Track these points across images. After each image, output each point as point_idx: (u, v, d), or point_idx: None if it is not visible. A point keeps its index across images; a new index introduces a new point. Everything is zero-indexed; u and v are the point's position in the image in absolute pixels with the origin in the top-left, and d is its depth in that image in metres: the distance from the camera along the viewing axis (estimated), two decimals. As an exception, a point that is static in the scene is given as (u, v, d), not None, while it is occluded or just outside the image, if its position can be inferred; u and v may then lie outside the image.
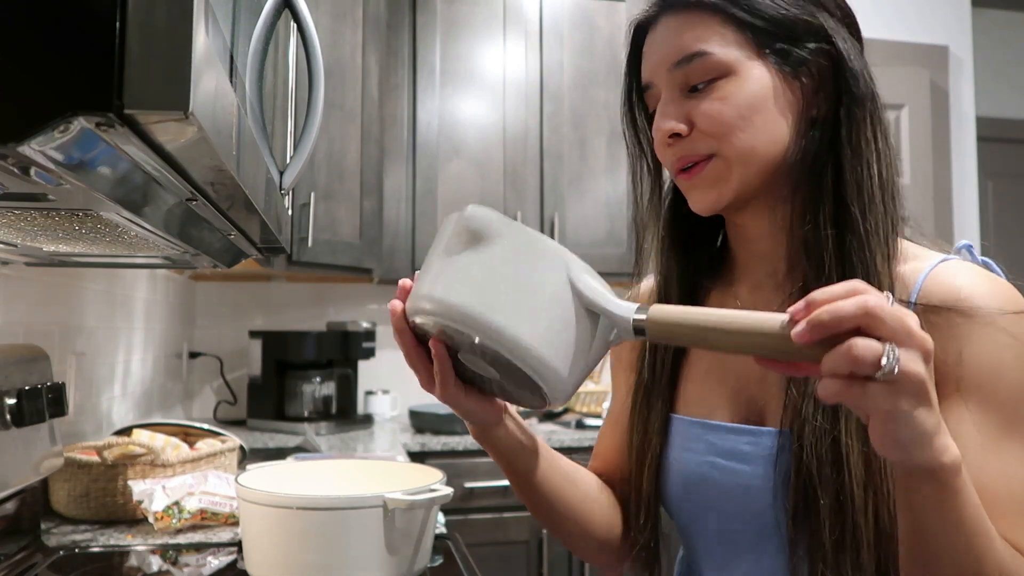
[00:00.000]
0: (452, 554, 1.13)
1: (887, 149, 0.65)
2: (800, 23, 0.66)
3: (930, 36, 2.59)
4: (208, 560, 1.08)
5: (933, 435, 0.48)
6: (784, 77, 0.67)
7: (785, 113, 0.67)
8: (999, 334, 0.59)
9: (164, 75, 0.34)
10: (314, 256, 2.12)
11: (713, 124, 0.67)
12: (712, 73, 0.67)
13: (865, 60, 0.67)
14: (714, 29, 0.67)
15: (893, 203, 0.65)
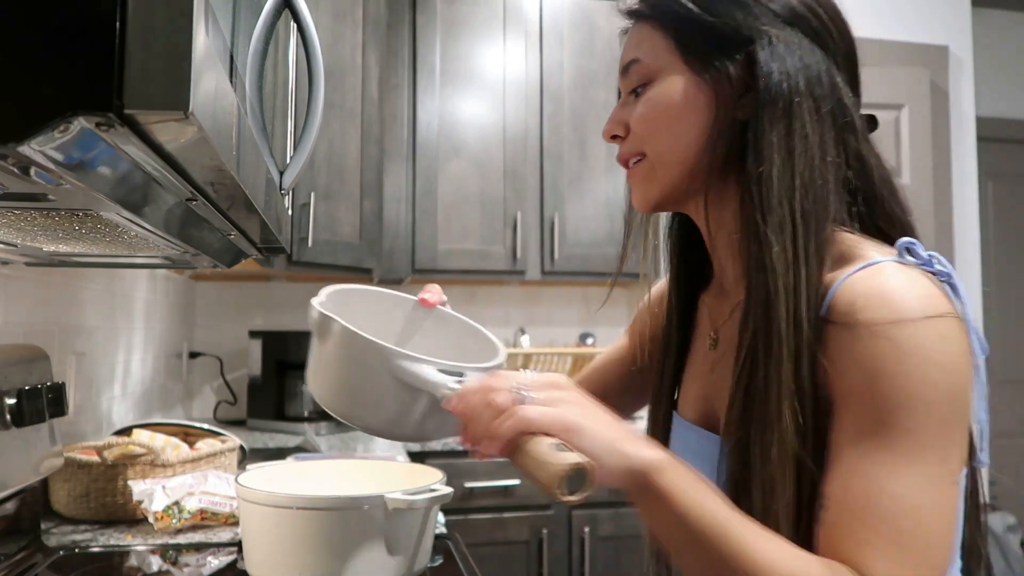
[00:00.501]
0: (452, 554, 1.13)
1: (809, 149, 0.63)
2: (719, 29, 0.67)
3: (930, 36, 2.58)
4: (208, 560, 1.08)
5: (616, 441, 0.56)
6: (701, 80, 0.68)
7: (703, 116, 0.68)
8: (881, 342, 0.57)
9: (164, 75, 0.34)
10: (314, 256, 2.12)
11: (638, 127, 0.71)
12: (644, 79, 0.71)
13: (817, 58, 0.66)
14: (648, 37, 0.71)
15: (816, 205, 0.62)
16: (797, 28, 0.67)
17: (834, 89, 0.66)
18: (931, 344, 0.57)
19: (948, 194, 2.53)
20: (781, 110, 0.64)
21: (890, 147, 2.50)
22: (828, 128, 0.65)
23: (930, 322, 0.57)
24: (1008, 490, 3.29)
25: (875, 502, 0.56)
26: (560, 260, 2.61)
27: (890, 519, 0.55)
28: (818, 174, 0.63)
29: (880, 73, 2.50)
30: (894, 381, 0.56)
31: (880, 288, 0.59)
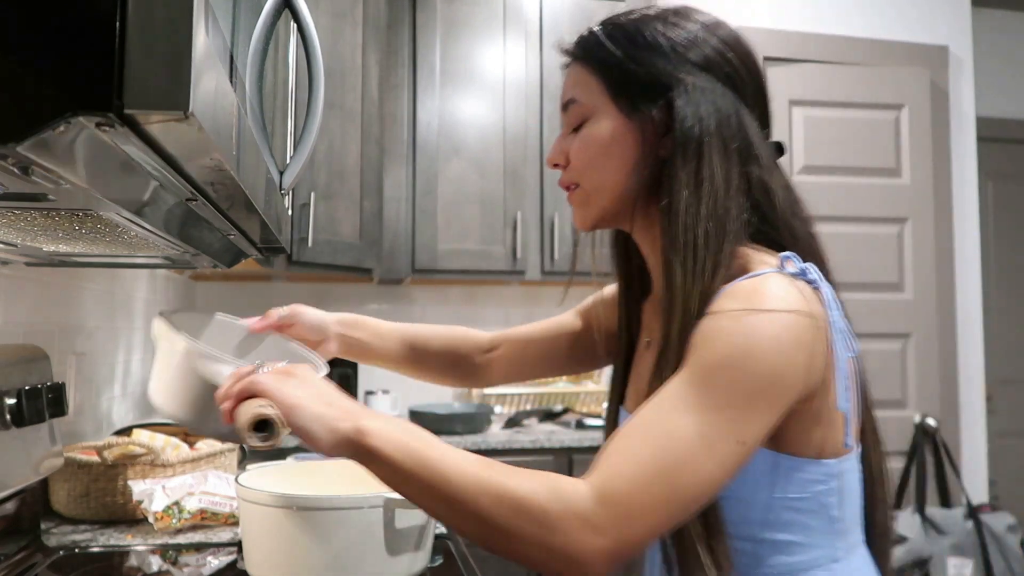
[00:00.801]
0: (452, 554, 1.13)
1: (714, 184, 0.72)
2: (643, 77, 0.76)
3: (930, 36, 2.58)
4: (208, 560, 1.08)
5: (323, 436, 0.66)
6: (629, 120, 0.78)
7: (630, 153, 0.78)
8: (729, 322, 0.66)
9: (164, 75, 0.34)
10: (314, 256, 2.12)
11: (575, 160, 0.82)
12: (581, 117, 0.81)
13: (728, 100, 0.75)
14: (584, 79, 0.82)
15: (716, 232, 0.71)
16: (711, 74, 0.76)
17: (741, 128, 0.75)
18: (769, 331, 0.64)
19: (948, 194, 2.52)
20: (693, 151, 0.73)
21: (890, 147, 2.49)
22: (734, 163, 0.74)
23: (776, 315, 0.65)
24: (1008, 490, 3.29)
25: (650, 427, 0.64)
26: (560, 260, 2.61)
27: (651, 443, 0.63)
28: (720, 205, 0.72)
29: (880, 73, 2.50)
30: (719, 345, 0.65)
31: (750, 288, 0.67)
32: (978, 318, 2.55)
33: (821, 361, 0.67)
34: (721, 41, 0.77)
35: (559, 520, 0.61)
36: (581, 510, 0.61)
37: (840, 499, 0.72)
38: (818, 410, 0.69)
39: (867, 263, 2.45)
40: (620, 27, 0.80)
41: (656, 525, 0.62)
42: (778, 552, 0.71)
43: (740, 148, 0.74)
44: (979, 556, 2.24)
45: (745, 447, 0.64)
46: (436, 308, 2.88)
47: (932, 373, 2.45)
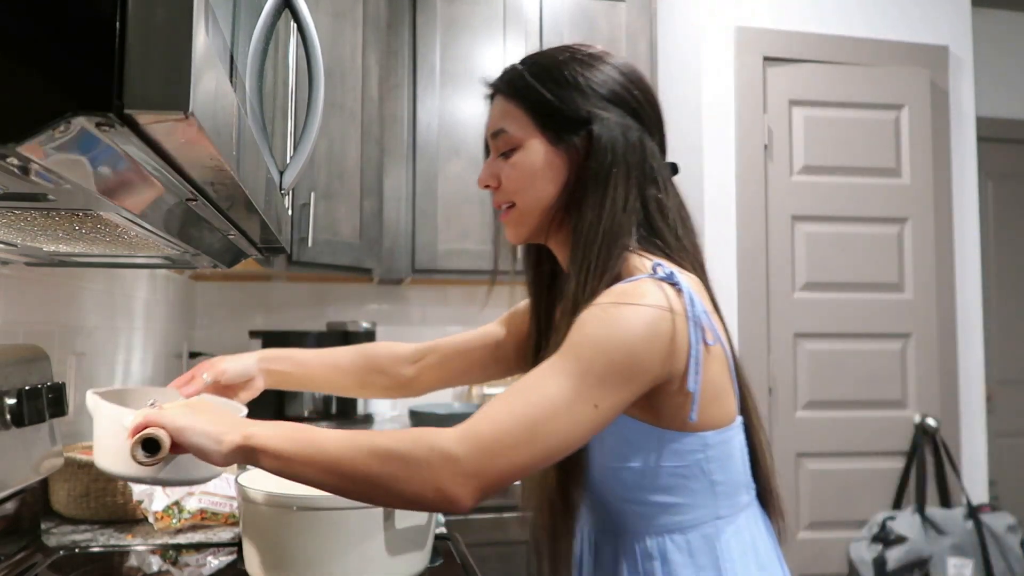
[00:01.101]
0: (452, 554, 1.13)
1: (615, 205, 0.86)
2: (565, 110, 0.89)
3: (930, 36, 2.58)
4: (208, 560, 1.08)
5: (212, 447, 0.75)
6: (556, 149, 0.89)
7: (557, 177, 0.90)
8: (596, 309, 0.79)
9: (164, 75, 0.34)
10: (314, 256, 2.12)
11: (508, 184, 0.92)
12: (510, 145, 0.91)
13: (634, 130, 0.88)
14: (512, 111, 0.92)
15: (611, 245, 0.85)
16: (620, 108, 0.89)
17: (643, 155, 0.88)
18: (630, 319, 0.77)
19: (948, 194, 2.52)
20: (603, 176, 0.86)
21: (890, 147, 2.49)
22: (633, 186, 0.87)
23: (639, 308, 0.77)
24: (1008, 490, 3.29)
25: (519, 387, 0.76)
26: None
27: (516, 398, 0.75)
28: (616, 223, 0.85)
29: (880, 73, 2.50)
30: (588, 328, 0.78)
31: (622, 288, 0.80)
32: (978, 318, 2.55)
33: (682, 349, 0.79)
34: (628, 80, 0.91)
35: (424, 459, 0.72)
36: (444, 447, 0.72)
37: (721, 465, 0.84)
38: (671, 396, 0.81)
39: (867, 263, 2.45)
40: (544, 68, 0.91)
41: (516, 463, 0.73)
42: (666, 512, 0.84)
43: (641, 173, 0.88)
44: (979, 556, 2.24)
45: (599, 411, 0.76)
46: (436, 308, 2.88)
47: (932, 373, 2.45)
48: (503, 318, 1.17)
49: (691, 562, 0.83)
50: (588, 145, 0.88)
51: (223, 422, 0.78)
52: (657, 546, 0.84)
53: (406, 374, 1.15)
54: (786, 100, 2.46)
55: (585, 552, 0.93)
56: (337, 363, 1.15)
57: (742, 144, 2.42)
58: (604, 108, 0.88)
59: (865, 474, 2.39)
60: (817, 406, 2.40)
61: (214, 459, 0.76)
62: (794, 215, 2.43)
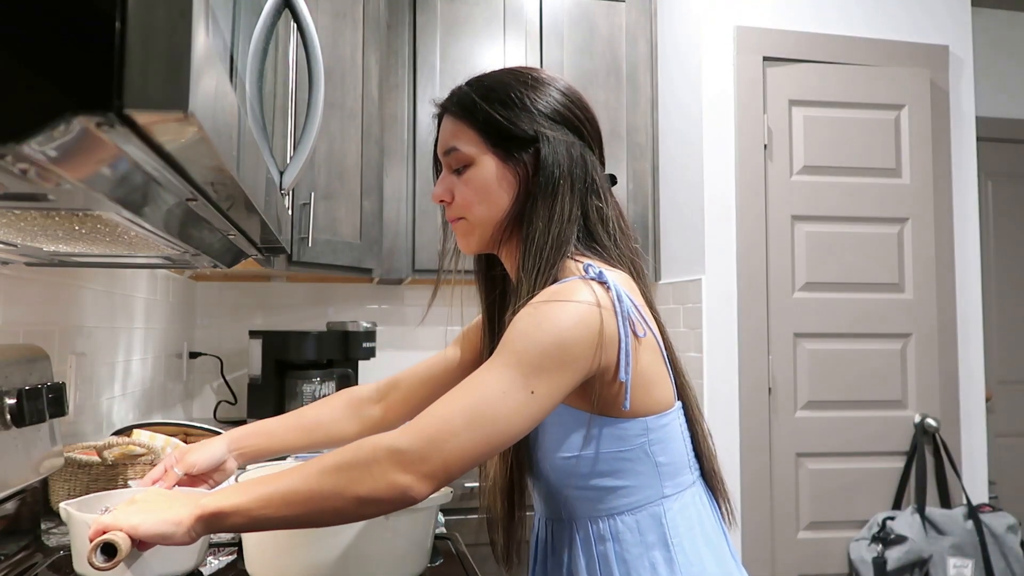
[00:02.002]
0: (452, 554, 1.13)
1: (562, 215, 0.92)
2: (514, 130, 0.94)
3: (930, 36, 2.58)
4: (208, 560, 1.08)
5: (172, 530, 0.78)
6: (507, 166, 0.95)
7: (507, 191, 0.95)
8: (529, 307, 0.85)
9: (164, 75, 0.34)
10: (314, 256, 2.12)
11: (460, 199, 0.97)
12: (463, 162, 0.97)
13: (578, 146, 0.96)
14: (463, 130, 0.97)
15: (556, 252, 0.91)
16: (564, 126, 0.96)
17: (586, 168, 0.96)
18: (559, 313, 0.83)
19: (948, 194, 2.52)
20: (551, 190, 0.93)
21: (890, 147, 2.49)
22: (577, 197, 0.94)
23: (567, 303, 0.83)
24: (1008, 490, 3.29)
25: (457, 386, 0.81)
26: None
27: (457, 392, 0.81)
28: (562, 232, 0.91)
29: (880, 73, 2.50)
30: (520, 323, 0.83)
31: (555, 288, 0.86)
32: (978, 318, 2.55)
33: (612, 341, 0.84)
34: (569, 100, 0.97)
35: (371, 458, 0.77)
36: (388, 444, 0.77)
37: (663, 447, 0.89)
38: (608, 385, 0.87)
39: (867, 263, 2.45)
40: (491, 89, 0.97)
41: (461, 448, 0.78)
42: (613, 495, 0.89)
43: (584, 185, 0.95)
44: (979, 556, 2.24)
45: (535, 397, 0.81)
46: (436, 308, 2.87)
47: (932, 373, 2.45)
48: (457, 339, 1.24)
49: (640, 540, 0.88)
50: (536, 162, 0.94)
51: (173, 504, 0.81)
52: (608, 528, 0.89)
53: (373, 415, 1.18)
54: (786, 100, 2.46)
55: (542, 539, 0.98)
56: (303, 425, 1.15)
57: (742, 144, 2.42)
58: (549, 127, 0.95)
59: (865, 474, 2.39)
60: (817, 406, 2.40)
61: (179, 540, 0.79)
62: (794, 215, 2.44)
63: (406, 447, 0.77)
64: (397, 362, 2.86)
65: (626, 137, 2.71)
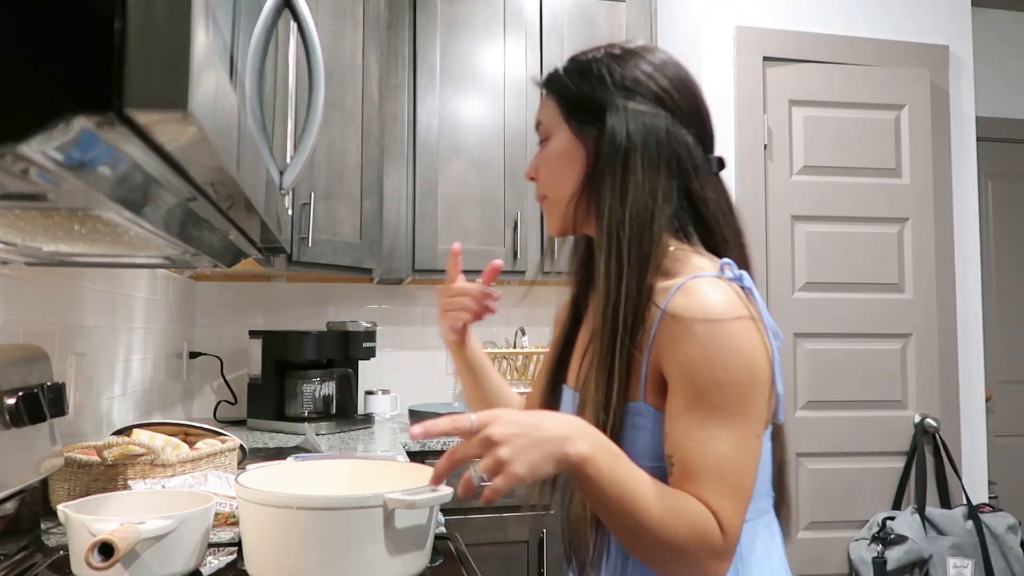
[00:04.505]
0: (452, 554, 1.13)
1: (639, 193, 0.85)
2: (586, 102, 0.90)
3: (930, 36, 2.58)
4: (208, 560, 1.08)
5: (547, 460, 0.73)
6: (579, 139, 0.91)
7: (576, 166, 0.91)
8: (694, 339, 0.79)
9: (164, 75, 0.34)
10: (314, 256, 2.12)
11: (542, 175, 0.96)
12: (544, 135, 0.95)
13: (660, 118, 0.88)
14: (546, 103, 0.95)
15: (639, 234, 0.85)
16: (646, 98, 0.89)
17: (671, 143, 0.87)
18: (729, 339, 0.78)
19: (948, 194, 2.52)
20: (620, 163, 0.86)
21: (890, 147, 2.49)
22: (661, 174, 0.86)
23: (730, 323, 0.78)
24: (1008, 490, 3.29)
25: (705, 459, 0.78)
26: (560, 260, 2.61)
27: (717, 469, 0.77)
28: (645, 209, 0.85)
29: (880, 73, 2.50)
30: (704, 371, 0.78)
31: (699, 295, 0.80)
32: (978, 318, 2.55)
33: (769, 354, 0.81)
34: (657, 71, 0.90)
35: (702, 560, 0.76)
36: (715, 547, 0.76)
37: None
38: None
39: (867, 263, 2.45)
40: (577, 63, 0.94)
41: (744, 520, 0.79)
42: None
43: (669, 161, 0.87)
44: (979, 556, 2.24)
45: (760, 438, 0.80)
46: (436, 308, 2.88)
47: (932, 373, 2.45)
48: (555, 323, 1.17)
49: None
50: (603, 133, 0.89)
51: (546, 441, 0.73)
52: None
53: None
54: (786, 100, 2.46)
55: (614, 553, 0.91)
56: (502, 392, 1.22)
57: (742, 144, 2.41)
58: (624, 97, 0.88)
59: (865, 474, 2.39)
60: (817, 406, 2.40)
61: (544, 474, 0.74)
62: (794, 215, 2.44)
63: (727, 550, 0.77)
64: (397, 362, 2.86)
65: (626, 137, 2.71)
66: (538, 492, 0.94)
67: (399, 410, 2.82)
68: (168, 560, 0.94)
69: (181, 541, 0.95)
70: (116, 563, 0.78)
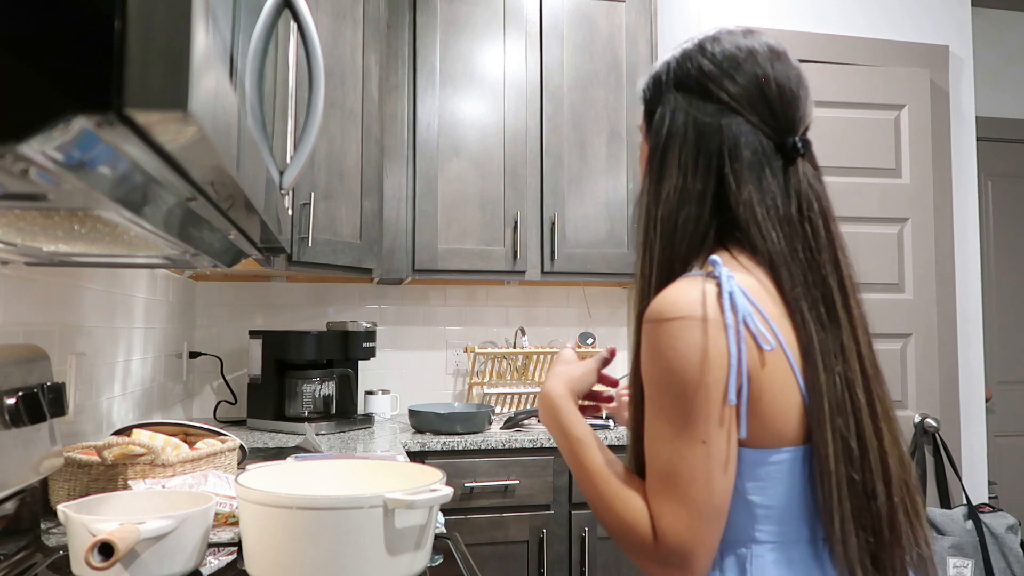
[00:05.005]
0: (452, 554, 1.13)
1: (670, 192, 0.83)
2: (649, 102, 0.91)
3: (930, 36, 2.58)
4: (208, 560, 1.08)
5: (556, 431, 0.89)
6: (644, 140, 0.91)
7: (643, 166, 0.91)
8: (644, 339, 0.79)
9: (164, 75, 0.34)
10: (314, 256, 2.12)
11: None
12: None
13: (704, 112, 0.84)
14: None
15: (668, 239, 0.83)
16: (687, 90, 0.85)
17: (715, 138, 0.83)
18: (666, 339, 0.76)
19: (948, 194, 2.52)
20: (657, 161, 0.86)
21: (890, 147, 2.49)
22: (699, 173, 0.83)
23: (669, 323, 0.76)
24: (1008, 490, 3.29)
25: (651, 457, 0.78)
26: (560, 260, 2.61)
27: (659, 470, 0.77)
28: (672, 211, 0.83)
29: (880, 73, 2.50)
30: (648, 371, 0.78)
31: (661, 296, 0.78)
32: (978, 318, 2.55)
33: (719, 357, 0.74)
34: (709, 59, 0.85)
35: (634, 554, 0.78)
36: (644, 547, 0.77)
37: (762, 486, 0.77)
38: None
39: (867, 263, 2.45)
40: (658, 62, 0.93)
41: (691, 529, 0.75)
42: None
43: (709, 158, 0.82)
44: (979, 556, 2.24)
45: (707, 444, 0.75)
46: (436, 308, 2.88)
47: (932, 373, 2.45)
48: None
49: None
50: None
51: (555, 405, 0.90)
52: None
53: None
54: (786, 100, 2.46)
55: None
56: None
57: (742, 144, 2.41)
58: (673, 92, 0.86)
59: (865, 474, 2.39)
60: (817, 406, 2.40)
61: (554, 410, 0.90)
62: (794, 215, 2.44)
63: (669, 559, 0.75)
64: (397, 362, 2.86)
65: (626, 137, 2.71)
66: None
67: (399, 410, 2.82)
68: (168, 560, 0.94)
69: (181, 541, 0.95)
70: (116, 563, 0.78)
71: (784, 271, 0.80)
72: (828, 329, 0.79)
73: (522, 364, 2.84)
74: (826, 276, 0.82)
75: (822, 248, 0.83)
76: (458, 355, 2.88)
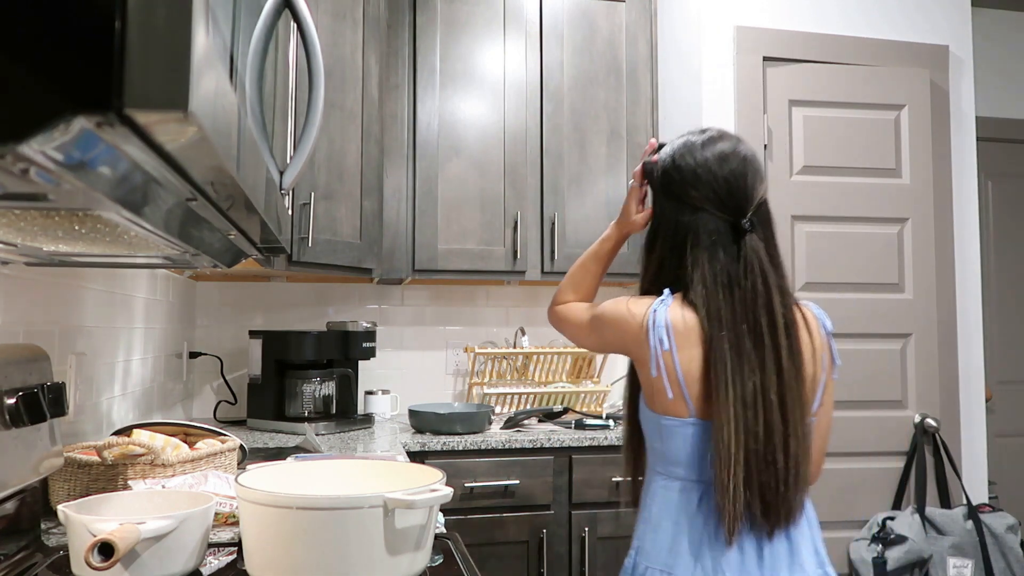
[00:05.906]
0: (452, 554, 1.13)
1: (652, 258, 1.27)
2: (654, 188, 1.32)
3: (930, 36, 2.58)
4: (208, 560, 1.08)
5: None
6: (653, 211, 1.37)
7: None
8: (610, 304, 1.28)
9: (164, 75, 0.34)
10: (314, 256, 2.12)
11: None
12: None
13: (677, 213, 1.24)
14: None
15: (645, 279, 1.28)
16: (666, 194, 1.24)
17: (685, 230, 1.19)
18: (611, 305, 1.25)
19: (948, 194, 2.52)
20: (649, 238, 1.29)
21: (890, 147, 2.49)
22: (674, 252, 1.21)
23: (617, 303, 1.24)
24: (1008, 490, 3.29)
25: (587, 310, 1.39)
26: (560, 260, 2.61)
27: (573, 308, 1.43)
28: (655, 269, 1.26)
29: (880, 73, 2.50)
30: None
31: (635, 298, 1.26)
32: (978, 318, 2.55)
33: (636, 338, 1.17)
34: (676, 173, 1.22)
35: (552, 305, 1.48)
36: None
37: (660, 437, 1.17)
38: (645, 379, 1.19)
39: (867, 263, 2.45)
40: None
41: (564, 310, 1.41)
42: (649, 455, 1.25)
43: (677, 241, 1.20)
44: (979, 556, 2.24)
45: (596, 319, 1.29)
46: (436, 308, 2.88)
47: (932, 373, 2.45)
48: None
49: (644, 497, 1.22)
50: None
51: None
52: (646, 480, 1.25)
53: None
54: (786, 100, 2.46)
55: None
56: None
57: (742, 144, 2.41)
58: (661, 195, 1.25)
59: (865, 474, 2.39)
60: (817, 406, 2.40)
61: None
62: (794, 215, 2.44)
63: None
64: (397, 362, 2.86)
65: (626, 137, 2.71)
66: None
67: (399, 410, 2.83)
68: (168, 560, 0.94)
69: (181, 541, 0.95)
70: (116, 563, 0.78)
71: (703, 312, 1.13)
72: (747, 351, 1.10)
73: (522, 364, 2.84)
74: (758, 316, 1.11)
75: (758, 296, 1.12)
76: (458, 355, 2.88)
